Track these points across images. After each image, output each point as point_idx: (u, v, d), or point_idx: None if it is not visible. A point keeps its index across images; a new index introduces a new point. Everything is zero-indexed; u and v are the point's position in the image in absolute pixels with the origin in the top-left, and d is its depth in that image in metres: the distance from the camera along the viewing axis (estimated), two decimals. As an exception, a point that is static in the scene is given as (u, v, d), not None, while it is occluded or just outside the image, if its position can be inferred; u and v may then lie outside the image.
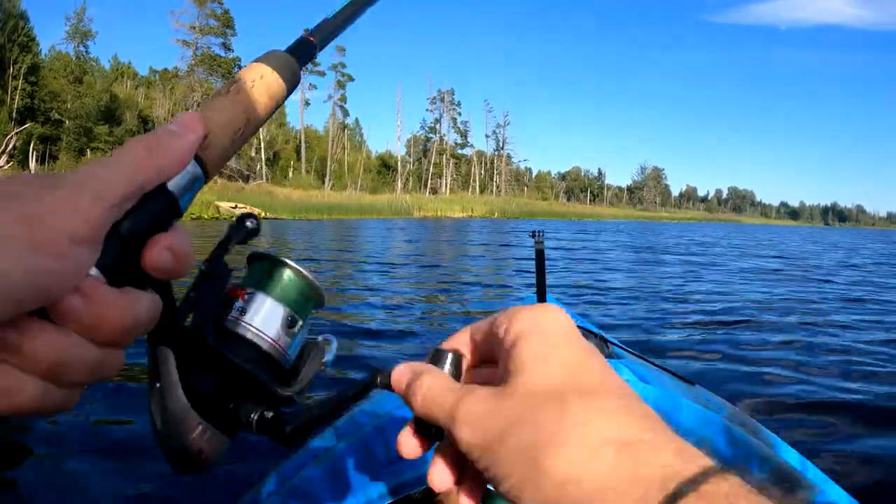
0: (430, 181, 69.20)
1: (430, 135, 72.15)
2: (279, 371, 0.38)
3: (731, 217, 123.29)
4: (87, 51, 41.96)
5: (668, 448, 0.26)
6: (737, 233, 38.07)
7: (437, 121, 71.81)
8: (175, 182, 0.31)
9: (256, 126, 0.38)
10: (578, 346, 0.31)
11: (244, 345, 0.37)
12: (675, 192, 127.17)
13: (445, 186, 69.40)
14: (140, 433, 2.45)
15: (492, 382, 0.32)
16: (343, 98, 59.69)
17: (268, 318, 0.38)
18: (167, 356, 0.35)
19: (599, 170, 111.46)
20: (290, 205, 36.55)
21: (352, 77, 59.67)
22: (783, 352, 4.12)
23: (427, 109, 72.74)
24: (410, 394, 0.33)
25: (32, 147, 30.00)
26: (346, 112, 61.31)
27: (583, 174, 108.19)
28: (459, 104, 72.83)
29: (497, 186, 77.17)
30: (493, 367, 0.34)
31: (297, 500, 0.98)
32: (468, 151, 75.08)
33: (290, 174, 55.68)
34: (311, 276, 0.40)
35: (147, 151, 0.30)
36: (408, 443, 0.34)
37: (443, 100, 71.34)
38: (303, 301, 0.40)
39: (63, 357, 0.26)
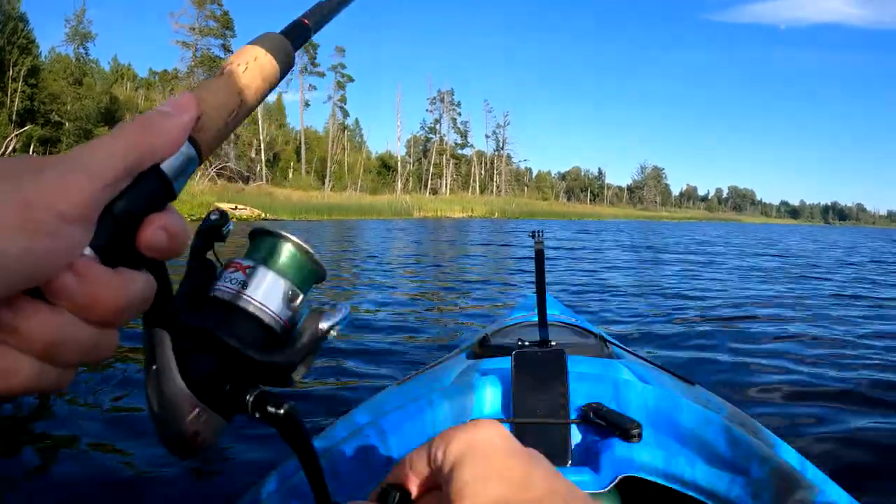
0: (430, 181, 69.16)
1: (430, 135, 72.11)
2: (280, 344, 0.39)
3: (732, 216, 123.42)
4: (87, 52, 41.75)
5: None
6: (737, 232, 38.06)
7: (437, 121, 71.79)
8: (169, 163, 0.31)
9: (250, 108, 0.38)
10: (520, 458, 0.31)
11: (246, 318, 0.37)
12: (676, 192, 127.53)
13: (445, 187, 69.38)
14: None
15: None
16: (343, 99, 59.69)
17: (269, 292, 0.38)
18: (163, 338, 0.35)
19: (599, 169, 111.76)
20: (291, 206, 36.50)
21: (352, 78, 59.73)
22: (783, 351, 4.12)
23: (427, 110, 72.74)
24: None
25: (32, 149, 30.07)
26: (346, 113, 61.33)
27: (583, 174, 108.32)
28: (459, 104, 72.84)
29: (497, 186, 77.15)
30: (439, 492, 0.33)
31: (297, 500, 0.98)
32: (468, 152, 75.11)
33: (290, 175, 55.64)
34: (312, 251, 0.40)
35: (141, 131, 0.30)
36: None
37: (443, 100, 71.33)
38: (304, 275, 0.40)
39: (57, 336, 0.26)
